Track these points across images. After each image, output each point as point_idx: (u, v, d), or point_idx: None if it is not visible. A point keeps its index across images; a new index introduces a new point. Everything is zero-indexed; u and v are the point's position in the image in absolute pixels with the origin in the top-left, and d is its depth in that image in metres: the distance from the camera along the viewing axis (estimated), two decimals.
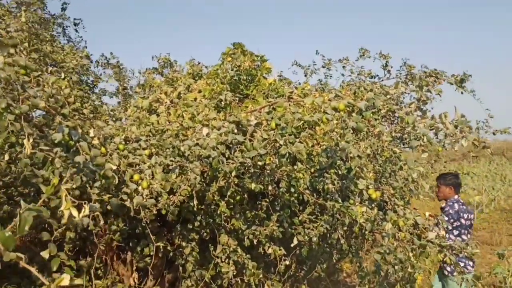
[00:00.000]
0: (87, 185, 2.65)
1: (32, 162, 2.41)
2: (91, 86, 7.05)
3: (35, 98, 2.45)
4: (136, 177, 3.28)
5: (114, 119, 4.73)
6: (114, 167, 2.88)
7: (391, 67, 5.94)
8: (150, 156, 3.80)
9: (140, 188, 3.27)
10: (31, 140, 2.41)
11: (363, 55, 5.92)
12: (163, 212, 3.45)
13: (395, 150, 4.58)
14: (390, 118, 4.56)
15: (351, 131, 3.40)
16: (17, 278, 5.15)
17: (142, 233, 4.70)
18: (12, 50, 2.77)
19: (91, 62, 8.38)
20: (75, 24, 8.84)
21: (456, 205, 5.40)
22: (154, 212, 3.45)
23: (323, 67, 7.82)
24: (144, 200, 3.15)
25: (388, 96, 3.58)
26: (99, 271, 5.35)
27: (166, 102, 4.86)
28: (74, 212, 2.28)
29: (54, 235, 2.33)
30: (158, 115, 4.73)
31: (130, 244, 5.05)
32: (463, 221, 5.32)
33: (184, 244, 4.76)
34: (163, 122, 4.49)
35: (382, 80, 6.79)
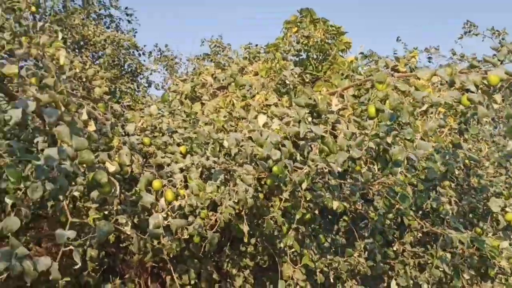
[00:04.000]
0: (59, 197, 1.56)
1: None
2: (134, 73, 6.25)
3: None
4: (156, 184, 2.18)
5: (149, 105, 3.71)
6: (113, 169, 1.78)
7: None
8: (185, 155, 2.70)
9: (162, 201, 2.16)
10: None
11: (469, 32, 4.51)
12: (196, 240, 2.32)
13: None
14: None
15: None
16: None
17: (179, 255, 3.64)
18: None
19: (143, 53, 7.70)
20: (127, 15, 8.23)
21: None
22: (186, 236, 2.33)
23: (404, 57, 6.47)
24: (166, 221, 2.03)
25: None
26: None
27: (212, 86, 3.80)
28: None
29: None
30: (203, 104, 3.66)
31: (168, 266, 4.00)
32: None
33: (234, 271, 3.64)
34: (210, 110, 3.39)
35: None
